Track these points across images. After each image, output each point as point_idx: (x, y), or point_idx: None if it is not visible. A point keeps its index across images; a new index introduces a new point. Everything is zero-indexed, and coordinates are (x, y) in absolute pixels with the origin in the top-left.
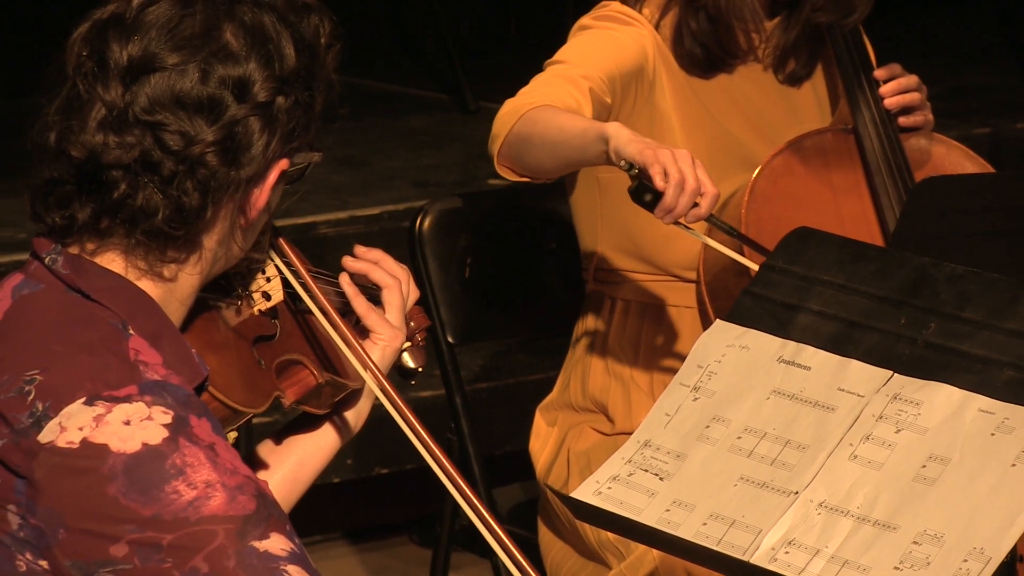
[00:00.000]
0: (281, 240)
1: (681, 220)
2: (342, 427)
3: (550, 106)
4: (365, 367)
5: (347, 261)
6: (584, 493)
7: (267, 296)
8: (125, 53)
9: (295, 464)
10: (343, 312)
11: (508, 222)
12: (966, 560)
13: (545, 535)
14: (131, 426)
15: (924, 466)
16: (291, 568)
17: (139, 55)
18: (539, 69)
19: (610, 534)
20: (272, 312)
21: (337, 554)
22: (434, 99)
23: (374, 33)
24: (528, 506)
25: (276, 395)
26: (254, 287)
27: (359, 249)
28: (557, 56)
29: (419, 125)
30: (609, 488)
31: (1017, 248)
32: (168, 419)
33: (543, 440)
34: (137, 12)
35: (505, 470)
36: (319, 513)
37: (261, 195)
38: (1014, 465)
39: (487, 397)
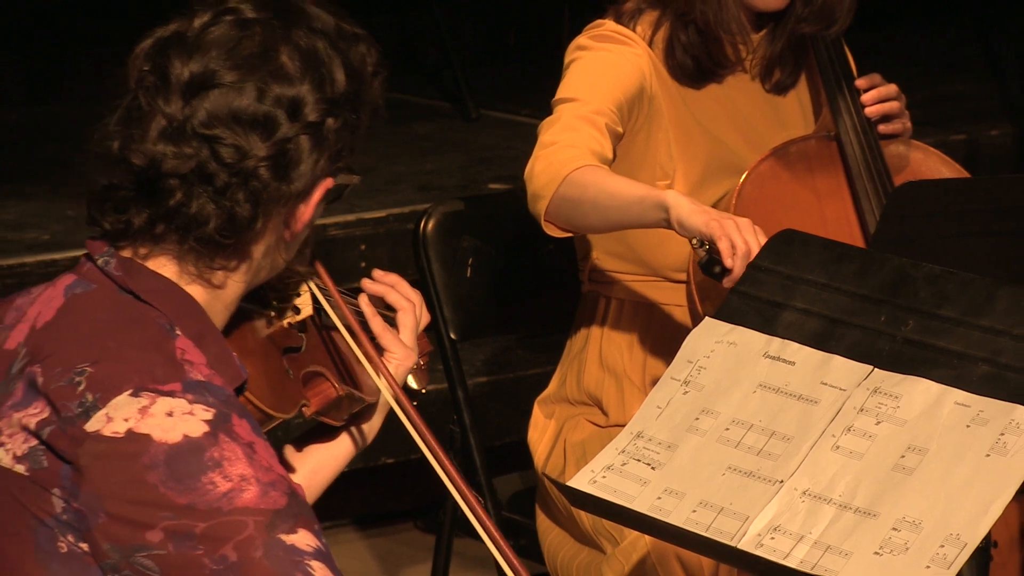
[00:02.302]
0: (315, 259)
1: None
2: (355, 439)
3: (592, 167)
4: (386, 381)
5: (366, 283)
6: (580, 482)
7: (296, 310)
8: (186, 69)
9: (309, 472)
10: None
11: (508, 224)
12: (943, 545)
13: (543, 521)
14: (174, 418)
15: (903, 456)
16: (315, 564)
17: (200, 72)
18: (537, 77)
19: (605, 521)
20: (300, 325)
21: (345, 539)
22: (437, 107)
23: (380, 45)
24: (527, 494)
25: (302, 404)
26: (287, 300)
27: (377, 273)
28: (566, 92)
29: (423, 132)
30: (604, 477)
31: (992, 249)
32: (209, 415)
33: (541, 431)
34: (199, 31)
35: (505, 460)
36: (328, 500)
37: (307, 210)
38: (988, 456)
39: (488, 391)
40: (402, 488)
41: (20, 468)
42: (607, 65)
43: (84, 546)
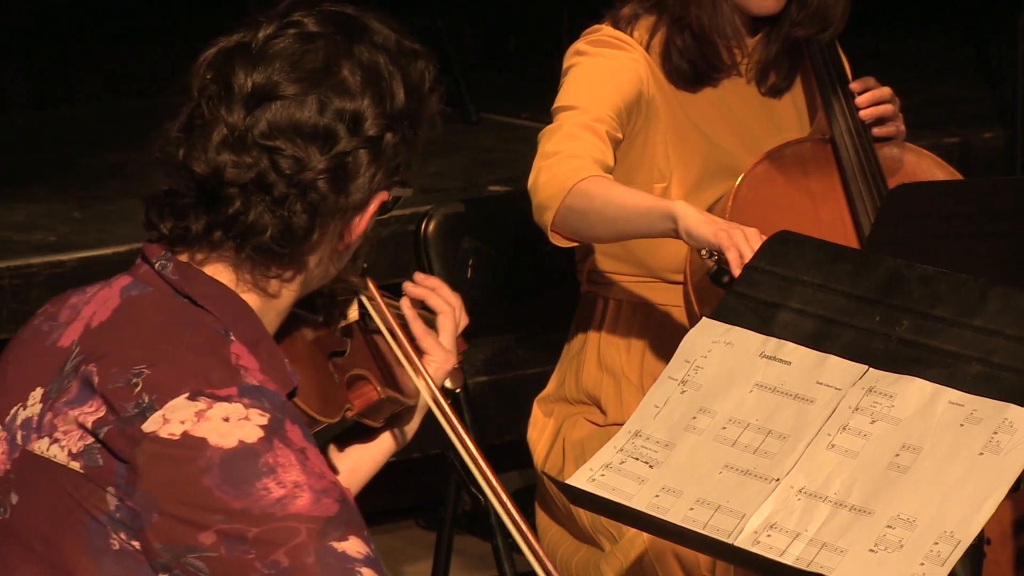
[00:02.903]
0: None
1: None
2: (393, 439)
3: (597, 178)
4: (425, 384)
5: (408, 287)
6: (579, 480)
7: (343, 315)
8: (250, 80)
9: (347, 470)
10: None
11: (508, 226)
12: (937, 543)
13: (542, 519)
14: (230, 423)
15: (897, 455)
16: (365, 571)
17: (263, 83)
18: (536, 81)
19: (603, 518)
20: (346, 330)
21: None
22: (438, 111)
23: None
24: (526, 492)
25: (347, 407)
26: (334, 306)
27: (419, 276)
28: (566, 100)
29: (424, 134)
30: (602, 475)
31: (985, 250)
32: (264, 421)
33: (540, 430)
34: (263, 43)
35: (505, 458)
36: None
37: (361, 222)
38: (981, 454)
39: (488, 390)
40: (403, 486)
41: (75, 465)
42: (605, 71)
43: (136, 544)
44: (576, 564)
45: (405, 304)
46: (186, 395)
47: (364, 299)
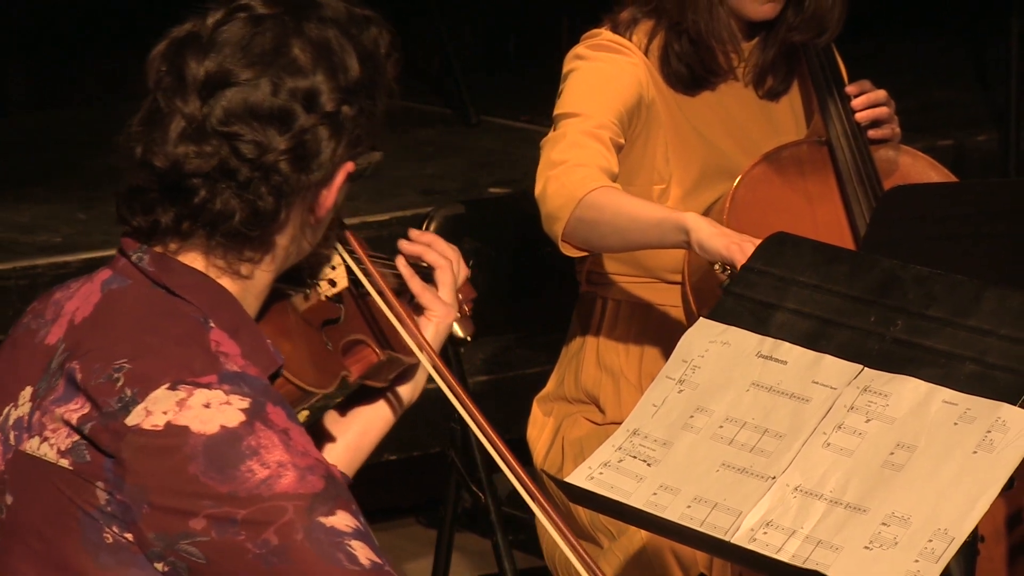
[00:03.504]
0: (346, 230)
1: None
2: (400, 398)
3: (607, 188)
4: (419, 346)
5: (403, 244)
6: (578, 478)
7: (332, 283)
8: (202, 69)
9: (358, 433)
10: (399, 291)
11: (508, 227)
12: (931, 540)
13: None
14: (211, 409)
15: (892, 453)
16: (355, 543)
17: (215, 71)
18: (535, 84)
19: (602, 516)
20: (337, 297)
21: None
22: (439, 113)
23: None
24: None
25: (343, 375)
26: (321, 275)
27: (413, 232)
28: (568, 107)
29: (425, 137)
30: (601, 473)
31: (979, 251)
32: (245, 405)
33: (540, 429)
34: (212, 31)
35: None
36: None
37: (329, 196)
38: (975, 452)
39: (488, 389)
40: (405, 484)
41: (64, 462)
42: (606, 76)
43: (129, 536)
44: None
45: (401, 263)
46: (167, 386)
47: (351, 263)
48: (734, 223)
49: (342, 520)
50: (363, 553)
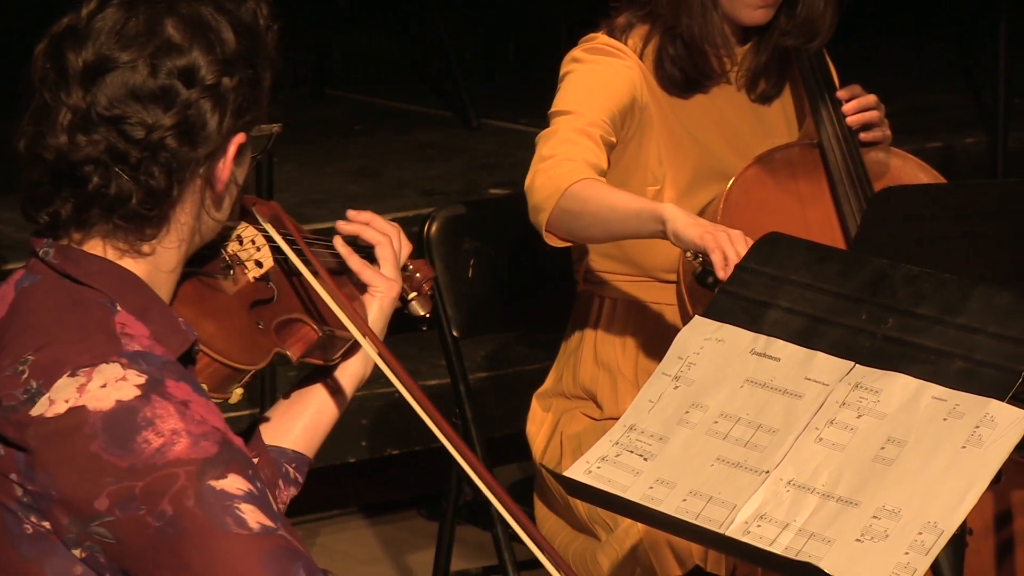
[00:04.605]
0: (278, 211)
1: None
2: (353, 374)
3: (591, 180)
4: (349, 319)
5: (340, 224)
6: (576, 472)
7: (259, 264)
8: (80, 59)
9: (314, 413)
10: (338, 271)
11: (508, 227)
12: (921, 533)
13: (540, 510)
14: (107, 388)
15: (883, 448)
16: (244, 506)
17: (93, 59)
18: (535, 88)
19: (599, 509)
20: (266, 277)
21: (353, 527)
22: (440, 116)
23: (386, 57)
24: (525, 484)
25: (276, 351)
26: (245, 257)
27: (351, 212)
28: (562, 105)
29: (427, 139)
30: (598, 468)
31: (967, 250)
32: (141, 380)
33: (539, 424)
34: (87, 21)
35: (504, 451)
36: (336, 490)
37: (224, 168)
38: (964, 447)
39: (488, 385)
40: (407, 478)
41: None
42: (600, 77)
43: (47, 524)
44: (573, 553)
45: (338, 242)
46: (68, 373)
47: (280, 241)
48: (728, 223)
49: (233, 483)
50: (253, 516)
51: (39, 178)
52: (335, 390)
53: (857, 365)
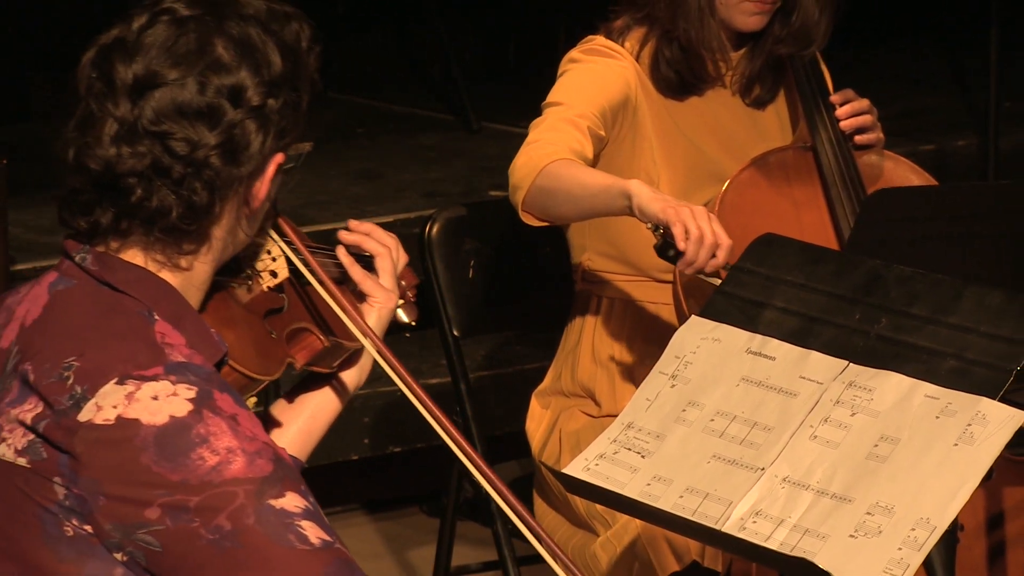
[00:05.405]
0: (283, 222)
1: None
2: (347, 383)
3: (567, 160)
4: (362, 332)
5: (342, 234)
6: (574, 469)
7: (274, 274)
8: (130, 72)
9: (308, 417)
10: (341, 280)
11: (507, 229)
12: (914, 529)
13: (540, 506)
14: (159, 401)
15: (876, 445)
16: (304, 523)
17: (142, 73)
18: (534, 92)
19: (597, 505)
20: (279, 287)
21: (355, 523)
22: (441, 119)
23: (387, 60)
24: (525, 480)
25: (288, 361)
26: (261, 267)
27: (352, 223)
28: (554, 97)
29: (428, 142)
30: (596, 465)
31: (958, 251)
32: (192, 394)
33: (538, 422)
34: (137, 35)
35: (504, 448)
36: (339, 487)
37: (262, 187)
38: (956, 445)
39: (488, 384)
40: (408, 475)
41: (22, 461)
42: (595, 75)
43: (88, 528)
44: (572, 548)
45: (341, 252)
46: (115, 380)
47: (290, 254)
48: (723, 225)
49: (291, 501)
50: (313, 532)
51: (81, 186)
52: (331, 396)
53: (851, 364)
